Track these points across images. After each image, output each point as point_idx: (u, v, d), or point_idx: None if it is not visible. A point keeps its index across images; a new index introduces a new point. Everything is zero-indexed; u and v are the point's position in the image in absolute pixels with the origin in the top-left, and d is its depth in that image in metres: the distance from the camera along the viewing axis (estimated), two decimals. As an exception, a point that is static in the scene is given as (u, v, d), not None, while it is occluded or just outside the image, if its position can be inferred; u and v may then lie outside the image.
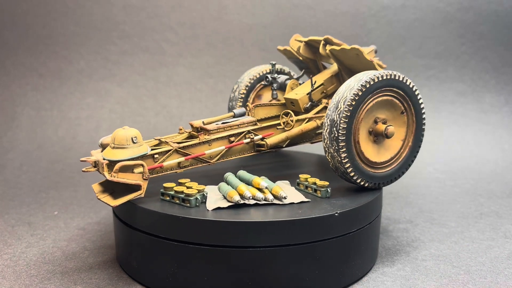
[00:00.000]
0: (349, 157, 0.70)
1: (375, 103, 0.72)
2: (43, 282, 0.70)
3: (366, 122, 0.73)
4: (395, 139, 0.76)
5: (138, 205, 0.67)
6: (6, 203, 1.05)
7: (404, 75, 0.73)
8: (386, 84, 0.71)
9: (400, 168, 0.77)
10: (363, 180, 0.73)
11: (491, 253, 0.82)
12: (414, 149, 0.77)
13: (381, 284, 0.71)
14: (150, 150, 0.69)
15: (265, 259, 0.63)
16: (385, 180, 0.76)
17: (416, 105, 0.75)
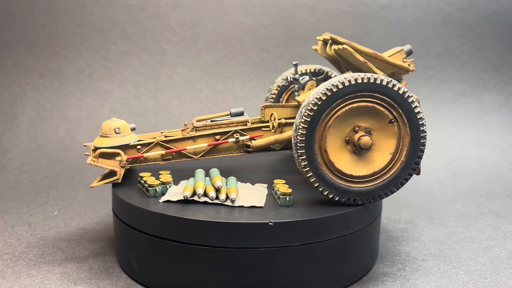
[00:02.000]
0: (311, 165, 0.65)
1: (349, 109, 0.65)
2: (43, 283, 0.70)
3: (340, 130, 0.66)
4: (382, 152, 0.68)
5: (138, 205, 0.67)
6: (6, 203, 1.05)
7: (392, 79, 0.65)
8: (363, 89, 0.64)
9: (386, 186, 0.68)
10: (331, 193, 0.67)
11: (491, 253, 0.82)
12: (408, 166, 0.67)
13: (381, 284, 0.71)
14: (134, 142, 0.76)
15: (265, 259, 0.63)
16: (364, 196, 0.68)
17: (409, 115, 0.66)
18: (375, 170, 0.67)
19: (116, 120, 0.78)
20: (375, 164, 0.68)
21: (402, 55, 0.78)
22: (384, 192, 0.68)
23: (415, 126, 0.66)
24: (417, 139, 0.67)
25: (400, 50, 0.78)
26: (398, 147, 0.67)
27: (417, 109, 0.66)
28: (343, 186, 0.67)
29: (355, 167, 0.67)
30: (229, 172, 0.83)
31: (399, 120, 0.66)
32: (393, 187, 0.68)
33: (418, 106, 0.66)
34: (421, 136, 0.67)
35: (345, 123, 0.66)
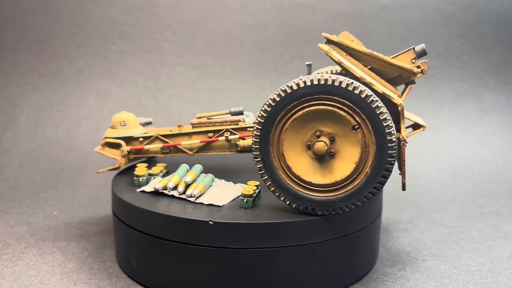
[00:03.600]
0: (266, 168, 0.63)
1: (307, 112, 0.62)
2: (43, 283, 0.70)
3: (300, 133, 0.63)
4: (345, 161, 0.62)
5: (138, 205, 0.67)
6: (6, 203, 1.05)
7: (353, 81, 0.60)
8: (320, 91, 0.60)
9: (348, 198, 0.62)
10: (288, 199, 0.64)
11: (491, 253, 0.82)
12: (373, 178, 0.61)
13: (382, 284, 0.71)
14: (137, 134, 0.83)
15: (265, 259, 0.63)
16: (324, 207, 0.63)
17: (374, 121, 0.59)
18: (336, 179, 0.62)
19: (125, 113, 0.84)
20: (337, 173, 0.63)
21: (411, 56, 0.71)
22: (346, 205, 0.63)
23: (381, 134, 0.59)
24: (384, 149, 0.59)
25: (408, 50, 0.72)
26: (362, 156, 0.61)
27: (384, 115, 0.59)
28: (301, 194, 0.63)
29: (315, 175, 0.63)
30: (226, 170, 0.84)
31: (363, 127, 0.61)
32: (356, 200, 0.62)
33: (384, 113, 0.59)
34: (388, 146, 0.59)
35: (305, 127, 0.63)
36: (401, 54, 0.72)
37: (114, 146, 0.83)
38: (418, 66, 0.70)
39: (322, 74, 0.61)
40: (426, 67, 0.71)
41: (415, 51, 0.70)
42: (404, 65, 0.69)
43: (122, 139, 0.83)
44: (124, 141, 0.83)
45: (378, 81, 0.68)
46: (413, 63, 0.70)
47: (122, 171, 0.86)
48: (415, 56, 0.70)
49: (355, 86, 0.59)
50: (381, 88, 0.63)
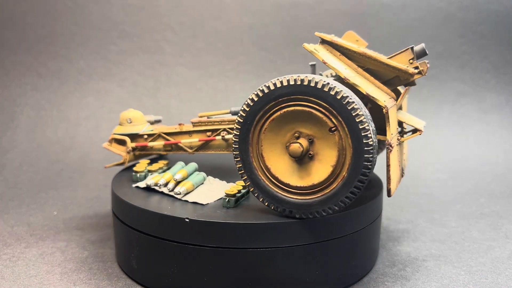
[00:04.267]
0: (245, 168, 0.63)
1: (286, 113, 0.60)
2: (42, 283, 0.70)
3: (280, 134, 0.62)
4: (323, 164, 0.61)
5: (138, 205, 0.67)
6: (6, 203, 1.05)
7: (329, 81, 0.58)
8: (296, 92, 0.59)
9: (325, 202, 0.61)
10: (266, 200, 0.63)
11: (492, 254, 0.81)
12: (350, 183, 0.58)
13: (382, 284, 0.70)
14: (142, 132, 0.85)
15: (265, 260, 0.63)
16: (301, 210, 0.62)
17: (350, 124, 0.57)
18: (314, 182, 0.61)
19: (132, 111, 0.88)
20: (315, 176, 0.61)
21: (408, 56, 0.68)
22: (322, 209, 0.61)
23: (357, 137, 0.57)
24: (360, 152, 0.57)
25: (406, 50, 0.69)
26: (339, 159, 0.59)
27: (360, 118, 0.56)
28: (279, 195, 0.62)
29: (293, 177, 0.62)
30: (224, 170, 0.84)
31: (340, 129, 0.59)
32: (332, 204, 0.60)
33: (361, 115, 0.56)
34: (365, 150, 0.57)
35: (284, 128, 0.62)
36: (398, 54, 0.69)
37: (120, 143, 0.86)
38: (416, 66, 0.67)
39: (299, 74, 0.59)
40: (425, 68, 0.67)
41: (414, 51, 0.68)
42: (399, 65, 0.66)
43: (128, 135, 0.85)
44: (130, 138, 0.85)
45: (368, 82, 0.66)
46: (411, 64, 0.67)
47: (122, 171, 0.86)
48: (413, 56, 0.67)
49: (331, 87, 0.57)
50: (365, 89, 0.61)
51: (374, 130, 0.58)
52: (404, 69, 0.66)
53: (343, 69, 0.65)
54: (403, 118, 0.70)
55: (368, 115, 0.58)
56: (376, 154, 0.58)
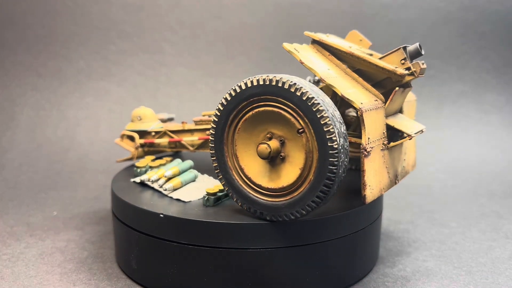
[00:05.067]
0: (220, 167, 0.63)
1: (257, 113, 0.59)
2: (42, 283, 0.70)
3: (253, 135, 0.61)
4: (293, 166, 0.59)
5: (138, 206, 0.67)
6: (5, 203, 1.04)
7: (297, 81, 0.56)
8: (266, 92, 0.57)
9: (293, 205, 0.59)
10: (239, 200, 0.63)
11: (492, 254, 0.81)
12: (316, 187, 0.56)
13: (382, 285, 0.70)
14: (151, 129, 0.87)
15: (265, 260, 0.63)
16: (271, 212, 0.61)
17: (316, 126, 0.55)
18: (284, 184, 0.59)
19: (143, 108, 0.91)
20: (285, 178, 0.59)
21: (400, 56, 0.65)
22: (290, 212, 0.59)
23: (322, 140, 0.55)
24: (325, 156, 0.55)
25: (397, 50, 0.66)
26: (307, 162, 0.57)
27: (325, 119, 0.54)
28: (251, 196, 0.62)
29: (265, 178, 0.61)
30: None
31: (307, 131, 0.56)
32: (300, 208, 0.58)
33: (326, 117, 0.54)
34: (329, 153, 0.54)
35: (258, 128, 0.60)
36: (389, 54, 0.66)
37: (131, 139, 0.89)
38: (408, 67, 0.64)
39: (269, 74, 0.58)
40: (418, 69, 0.64)
41: (407, 51, 0.65)
42: (387, 66, 0.64)
43: (137, 132, 0.88)
44: (139, 134, 0.88)
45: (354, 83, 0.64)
46: (403, 64, 0.64)
47: (122, 171, 0.86)
48: (405, 56, 0.64)
49: (297, 88, 0.55)
50: (341, 91, 0.60)
51: (342, 133, 0.55)
52: (391, 69, 0.64)
53: (325, 70, 0.64)
54: (393, 122, 0.67)
55: (335, 117, 0.55)
56: (344, 158, 0.55)
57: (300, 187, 0.58)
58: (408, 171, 0.76)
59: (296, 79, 0.57)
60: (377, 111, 0.62)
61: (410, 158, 0.78)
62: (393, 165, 0.68)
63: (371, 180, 0.61)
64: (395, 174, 0.69)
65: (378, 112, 0.63)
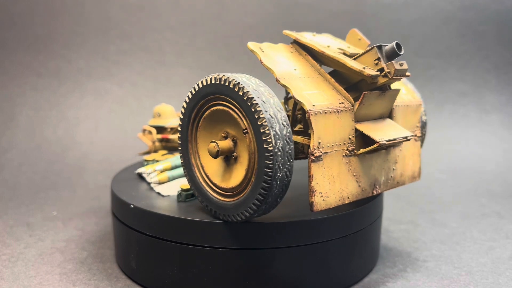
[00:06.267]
0: (185, 164, 0.64)
1: (213, 112, 0.60)
2: (42, 283, 0.70)
3: (213, 133, 0.61)
4: (241, 166, 0.58)
5: (138, 206, 0.67)
6: (5, 203, 1.04)
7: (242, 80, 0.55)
8: (217, 91, 0.57)
9: (238, 207, 0.58)
10: (199, 197, 0.63)
11: (492, 254, 0.81)
12: (256, 189, 0.55)
13: (382, 285, 0.70)
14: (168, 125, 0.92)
15: (265, 260, 0.63)
16: (222, 212, 0.61)
17: (255, 127, 0.54)
18: (233, 185, 0.59)
19: (163, 105, 0.95)
20: (234, 178, 0.59)
21: (373, 56, 0.61)
22: (237, 213, 0.58)
23: (260, 143, 0.53)
24: (262, 157, 0.53)
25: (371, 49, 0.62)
26: (250, 163, 0.56)
27: (261, 120, 0.53)
28: (208, 194, 0.62)
29: (219, 177, 0.61)
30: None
31: (249, 132, 0.55)
32: (244, 209, 0.57)
33: (263, 118, 0.53)
34: (265, 155, 0.53)
35: (216, 127, 0.60)
36: (363, 54, 0.62)
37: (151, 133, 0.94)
38: (381, 68, 0.60)
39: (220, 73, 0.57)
40: (392, 70, 0.60)
41: (383, 51, 0.61)
42: (354, 66, 0.61)
43: (155, 128, 0.93)
44: (157, 130, 0.93)
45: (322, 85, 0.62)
46: (376, 65, 0.61)
47: (122, 171, 0.86)
48: (378, 56, 0.60)
49: (240, 87, 0.55)
50: (295, 92, 0.58)
51: (283, 135, 0.53)
52: (358, 70, 0.61)
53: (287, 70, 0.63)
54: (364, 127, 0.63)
55: (276, 119, 0.54)
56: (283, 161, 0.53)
57: (245, 189, 0.58)
58: (403, 182, 0.72)
59: (244, 78, 0.56)
60: (339, 115, 0.59)
61: (407, 168, 0.72)
62: (368, 173, 0.64)
63: (323, 187, 0.58)
64: (372, 183, 0.65)
65: (341, 115, 0.60)
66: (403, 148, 0.71)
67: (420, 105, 0.75)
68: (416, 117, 0.74)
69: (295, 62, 0.66)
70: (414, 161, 0.74)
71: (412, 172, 0.74)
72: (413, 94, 0.75)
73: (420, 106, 0.75)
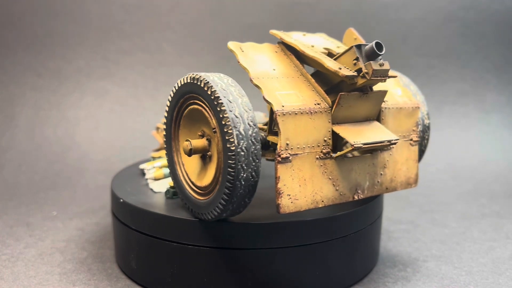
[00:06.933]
0: (169, 162, 0.65)
1: (190, 110, 0.60)
2: (42, 283, 0.69)
3: (192, 132, 0.62)
4: (213, 166, 0.58)
5: (138, 206, 0.67)
6: (5, 203, 1.04)
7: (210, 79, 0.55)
8: (192, 90, 0.58)
9: (208, 206, 0.59)
10: (180, 195, 0.64)
11: (493, 254, 0.81)
12: (221, 189, 0.55)
13: (382, 285, 0.70)
14: None
15: (265, 260, 0.62)
16: (196, 209, 0.61)
17: (220, 126, 0.54)
18: (206, 183, 0.59)
19: None
20: (207, 177, 0.59)
21: (352, 56, 0.59)
22: (207, 212, 0.59)
23: (224, 142, 0.54)
24: (226, 157, 0.54)
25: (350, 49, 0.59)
26: (218, 163, 0.56)
27: (225, 120, 0.53)
28: (186, 192, 0.63)
29: (196, 175, 0.62)
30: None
31: (217, 131, 0.55)
32: (212, 209, 0.58)
33: (226, 117, 0.53)
34: (228, 155, 0.53)
35: (195, 126, 0.61)
36: (343, 54, 0.60)
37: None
38: (359, 69, 0.58)
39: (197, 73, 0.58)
40: (370, 70, 0.57)
41: (363, 51, 0.58)
42: (330, 66, 0.59)
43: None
44: None
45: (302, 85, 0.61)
46: (355, 65, 0.58)
47: (122, 171, 0.86)
48: (356, 56, 0.58)
49: (208, 86, 0.55)
50: (266, 92, 0.58)
51: (246, 135, 0.53)
52: (333, 70, 0.59)
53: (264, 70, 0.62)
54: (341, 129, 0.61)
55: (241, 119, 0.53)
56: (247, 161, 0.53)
57: (215, 188, 0.58)
58: (394, 188, 0.68)
59: (215, 78, 0.56)
60: (312, 116, 0.58)
61: (399, 173, 0.69)
62: (348, 177, 0.62)
63: (292, 189, 0.56)
64: (353, 188, 0.63)
65: (315, 117, 0.58)
66: (394, 152, 0.68)
67: (417, 108, 0.71)
68: (412, 120, 0.70)
69: (277, 62, 0.65)
70: (409, 166, 0.70)
71: (407, 178, 0.70)
72: (409, 96, 0.71)
73: (417, 109, 0.71)
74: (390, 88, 0.70)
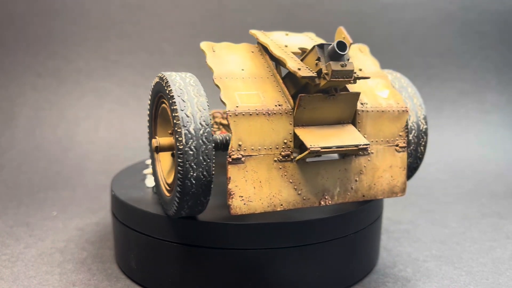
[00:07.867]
0: (151, 158, 0.68)
1: (162, 109, 0.62)
2: (42, 284, 0.69)
3: (166, 129, 0.63)
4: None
5: (137, 206, 0.67)
6: (5, 203, 1.04)
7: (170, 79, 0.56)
8: (159, 89, 0.59)
9: (170, 203, 0.59)
10: (157, 191, 0.66)
11: (493, 254, 0.81)
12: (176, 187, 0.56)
13: (382, 285, 0.70)
14: None
15: (265, 260, 0.62)
16: (164, 205, 0.62)
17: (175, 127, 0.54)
18: (171, 181, 0.60)
19: None
20: (173, 175, 0.59)
21: (314, 56, 0.56)
22: (169, 208, 0.60)
23: (176, 141, 0.54)
24: (176, 158, 0.54)
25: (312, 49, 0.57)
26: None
27: (176, 119, 0.53)
28: (160, 188, 0.63)
29: (166, 172, 0.63)
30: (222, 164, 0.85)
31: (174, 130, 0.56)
32: (172, 206, 0.59)
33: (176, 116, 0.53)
34: (177, 154, 0.54)
35: (167, 124, 0.62)
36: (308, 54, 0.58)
37: None
38: (319, 69, 0.55)
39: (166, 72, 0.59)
40: (330, 71, 0.54)
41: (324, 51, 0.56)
42: (290, 67, 0.58)
43: None
44: None
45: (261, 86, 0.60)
46: (316, 65, 0.56)
47: (122, 172, 0.86)
48: (318, 56, 0.56)
49: (167, 85, 0.56)
50: (224, 92, 0.58)
51: (196, 135, 0.53)
52: (292, 71, 0.57)
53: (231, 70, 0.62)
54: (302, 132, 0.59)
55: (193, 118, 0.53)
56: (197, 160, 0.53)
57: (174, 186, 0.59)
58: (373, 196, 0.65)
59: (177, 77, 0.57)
60: (270, 117, 0.57)
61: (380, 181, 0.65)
62: (313, 181, 0.60)
63: (245, 191, 0.56)
64: (320, 193, 0.61)
65: (273, 118, 0.57)
66: (374, 158, 0.64)
67: (404, 112, 0.66)
68: (397, 124, 0.65)
69: (250, 62, 0.64)
70: (394, 174, 0.66)
71: (390, 186, 0.66)
72: (398, 99, 0.66)
73: (405, 112, 0.66)
74: (376, 89, 0.66)
